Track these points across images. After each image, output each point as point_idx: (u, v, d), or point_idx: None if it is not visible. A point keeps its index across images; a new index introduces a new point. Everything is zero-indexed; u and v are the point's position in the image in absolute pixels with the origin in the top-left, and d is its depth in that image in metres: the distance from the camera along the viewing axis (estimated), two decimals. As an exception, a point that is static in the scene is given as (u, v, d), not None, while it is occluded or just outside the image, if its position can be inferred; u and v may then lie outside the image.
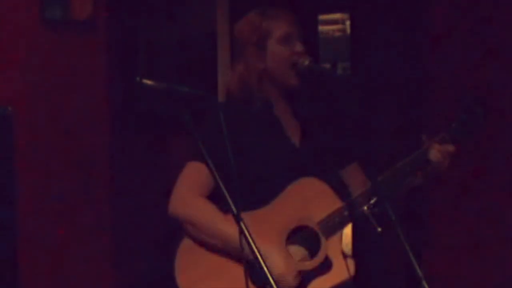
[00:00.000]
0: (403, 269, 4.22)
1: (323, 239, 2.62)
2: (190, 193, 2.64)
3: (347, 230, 2.71)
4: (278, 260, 2.57)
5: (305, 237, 2.65)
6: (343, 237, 2.69)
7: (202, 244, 2.64)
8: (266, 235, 2.58)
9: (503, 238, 4.15)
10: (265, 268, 2.10)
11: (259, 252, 2.13)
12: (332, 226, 2.64)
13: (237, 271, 2.39)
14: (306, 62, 2.69)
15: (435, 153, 2.68)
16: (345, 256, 2.63)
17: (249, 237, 2.15)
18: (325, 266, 2.62)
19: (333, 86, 2.74)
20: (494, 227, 4.15)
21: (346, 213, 2.64)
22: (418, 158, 2.69)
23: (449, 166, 2.72)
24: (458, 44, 4.19)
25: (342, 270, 2.61)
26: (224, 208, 2.34)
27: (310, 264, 2.62)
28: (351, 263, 2.64)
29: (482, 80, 4.06)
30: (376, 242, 3.98)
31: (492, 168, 4.15)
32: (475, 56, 4.14)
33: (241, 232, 2.15)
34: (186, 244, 2.66)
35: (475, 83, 4.05)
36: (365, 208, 2.57)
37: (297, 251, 2.65)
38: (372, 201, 2.58)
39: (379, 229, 2.49)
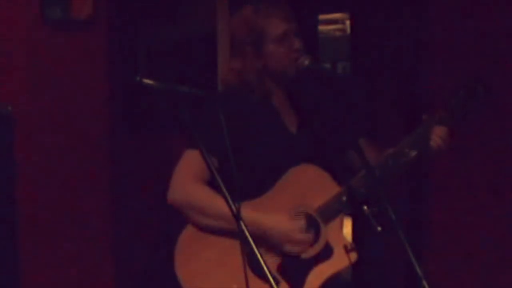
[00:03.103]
0: (403, 269, 4.22)
1: (322, 226, 2.63)
2: (188, 180, 2.64)
3: (347, 230, 2.72)
4: (284, 223, 2.59)
5: (304, 224, 2.66)
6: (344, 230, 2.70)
7: (202, 234, 2.64)
8: None
9: (503, 238, 4.15)
10: (262, 262, 2.11)
11: (255, 245, 2.13)
12: (331, 212, 2.64)
13: (238, 262, 2.39)
14: (306, 62, 2.69)
15: (435, 138, 2.68)
16: (349, 246, 2.64)
17: (248, 236, 2.15)
18: (325, 253, 2.63)
19: (333, 85, 2.74)
20: (494, 228, 4.16)
21: (344, 198, 2.64)
22: (416, 140, 2.69)
23: (449, 146, 2.71)
24: (458, 44, 4.19)
25: (343, 256, 2.62)
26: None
27: (310, 251, 2.62)
28: (352, 250, 2.64)
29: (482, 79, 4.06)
30: (376, 241, 3.98)
31: (492, 168, 4.15)
32: (476, 55, 4.13)
33: (241, 231, 2.15)
34: (185, 236, 2.66)
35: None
36: (365, 207, 2.57)
37: None
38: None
39: (379, 229, 2.48)
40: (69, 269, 4.21)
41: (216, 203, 2.55)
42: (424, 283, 2.25)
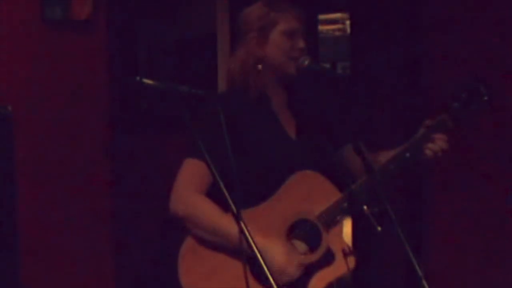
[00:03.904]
0: (403, 269, 4.22)
1: (323, 232, 2.63)
2: (189, 191, 2.64)
3: (347, 229, 2.72)
4: (278, 253, 2.58)
5: (306, 231, 2.66)
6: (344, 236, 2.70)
7: (205, 242, 2.64)
8: (266, 231, 2.59)
9: (503, 237, 4.15)
10: (264, 267, 2.10)
11: (258, 250, 2.13)
12: (332, 219, 2.64)
13: (241, 269, 2.39)
14: (306, 62, 2.69)
15: (433, 147, 2.68)
16: (347, 249, 2.63)
17: (248, 237, 2.15)
18: (327, 258, 2.62)
19: (332, 85, 2.74)
20: (494, 227, 4.16)
21: (345, 205, 2.64)
22: (417, 144, 2.69)
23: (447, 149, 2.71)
24: (458, 44, 4.19)
25: (345, 261, 2.62)
26: (224, 205, 2.34)
27: (311, 258, 2.62)
28: (351, 254, 2.64)
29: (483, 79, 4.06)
30: (376, 241, 3.98)
31: (492, 167, 4.15)
32: (475, 56, 4.13)
33: (241, 231, 2.15)
34: (189, 243, 2.66)
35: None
36: (365, 207, 2.57)
37: (298, 245, 2.66)
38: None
39: (379, 229, 2.48)
40: (69, 269, 4.21)
41: (215, 220, 2.57)
42: (424, 283, 2.24)
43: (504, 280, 4.13)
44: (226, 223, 2.51)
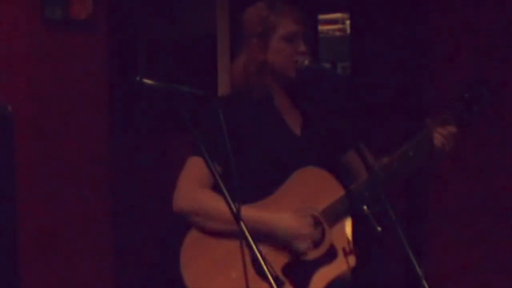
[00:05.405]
0: (403, 269, 4.22)
1: (327, 228, 2.63)
2: (192, 187, 2.65)
3: (347, 229, 2.72)
4: (290, 219, 2.59)
5: (311, 220, 2.66)
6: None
7: (207, 236, 2.64)
8: None
9: (503, 238, 4.16)
10: (262, 262, 2.10)
11: (258, 250, 2.13)
12: (336, 215, 2.64)
13: (244, 263, 2.39)
14: (306, 62, 2.69)
15: (438, 137, 2.67)
16: (347, 248, 2.63)
17: (248, 237, 2.15)
18: (330, 254, 2.63)
19: (332, 84, 2.75)
20: (494, 227, 4.16)
21: (348, 201, 2.64)
22: (420, 142, 2.68)
23: (453, 147, 2.70)
24: (458, 43, 4.19)
25: (347, 258, 2.62)
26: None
27: (314, 253, 2.62)
28: (353, 252, 2.64)
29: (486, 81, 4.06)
30: (376, 241, 3.97)
31: (492, 166, 4.15)
32: (476, 54, 4.14)
33: (241, 230, 2.15)
34: (190, 238, 2.66)
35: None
36: (365, 207, 2.57)
37: None
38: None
39: (379, 229, 2.48)
40: (69, 269, 4.21)
41: (220, 206, 2.55)
42: (424, 283, 2.25)
43: (504, 280, 4.13)
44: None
